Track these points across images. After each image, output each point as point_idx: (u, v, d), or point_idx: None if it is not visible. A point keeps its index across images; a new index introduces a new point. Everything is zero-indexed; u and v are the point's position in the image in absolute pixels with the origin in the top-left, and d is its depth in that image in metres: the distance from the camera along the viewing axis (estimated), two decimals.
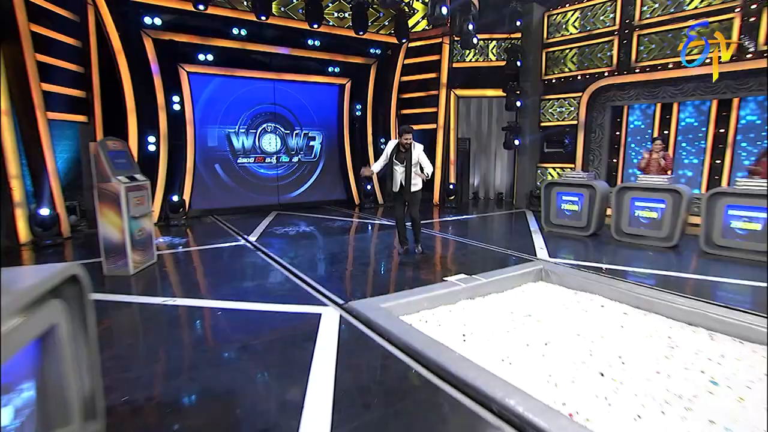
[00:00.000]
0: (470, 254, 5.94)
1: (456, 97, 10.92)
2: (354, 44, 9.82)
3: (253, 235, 7.01)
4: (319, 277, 4.79)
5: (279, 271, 5.08)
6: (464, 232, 7.44)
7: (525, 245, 6.30)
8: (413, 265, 5.38)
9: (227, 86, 9.25)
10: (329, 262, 5.60)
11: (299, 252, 6.06)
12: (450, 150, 11.02)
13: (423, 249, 5.81)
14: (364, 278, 4.97)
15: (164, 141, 8.09)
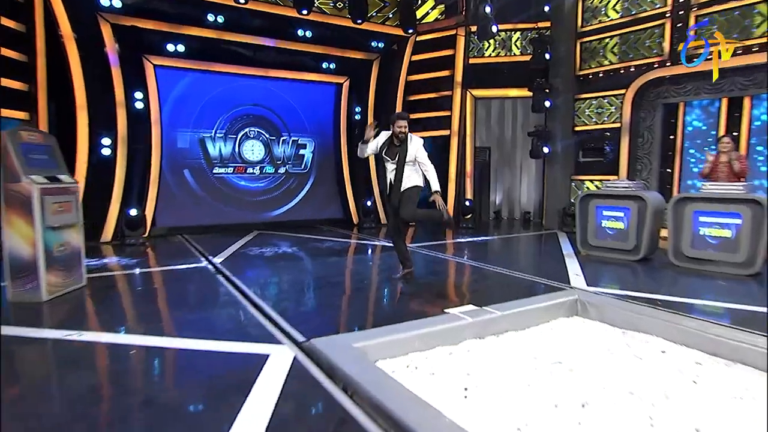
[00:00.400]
0: (485, 280, 5.28)
1: (473, 98, 10.40)
2: (353, 36, 9.45)
3: (220, 257, 6.48)
4: (284, 307, 4.18)
5: (235, 298, 4.45)
6: (481, 256, 6.86)
7: (556, 271, 5.63)
8: (409, 293, 4.74)
9: (202, 83, 8.92)
10: (304, 288, 4.99)
11: (269, 277, 5.49)
12: (466, 160, 10.42)
13: (407, 271, 5.15)
14: (341, 309, 4.35)
15: (123, 144, 7.69)
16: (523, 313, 3.99)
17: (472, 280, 5.34)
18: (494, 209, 11.39)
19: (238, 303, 4.30)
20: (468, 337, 3.66)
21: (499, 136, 11.20)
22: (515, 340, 3.69)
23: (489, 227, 10.17)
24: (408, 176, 4.87)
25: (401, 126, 4.80)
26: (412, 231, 9.63)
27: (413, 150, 4.82)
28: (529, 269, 5.74)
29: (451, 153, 10.28)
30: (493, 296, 4.47)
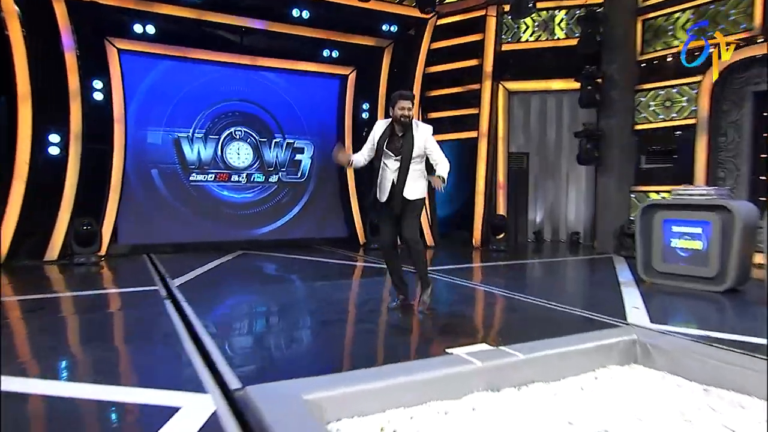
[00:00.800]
0: (511, 313, 4.68)
1: (506, 92, 9.79)
2: (359, 18, 9.04)
3: (181, 280, 5.99)
4: (233, 343, 3.69)
5: (174, 330, 3.89)
6: (511, 283, 6.25)
7: (607, 303, 4.97)
8: (406, 327, 4.15)
9: (178, 73, 8.65)
10: (270, 319, 4.46)
11: (232, 304, 4.94)
12: (498, 169, 9.77)
13: (430, 301, 4.47)
14: (307, 347, 3.75)
15: (76, 142, 7.37)
16: (556, 358, 3.26)
17: (494, 312, 4.63)
18: (534, 229, 10.60)
19: (176, 336, 3.72)
20: (476, 388, 2.97)
21: (539, 140, 10.50)
22: (543, 396, 2.97)
23: (527, 250, 9.41)
24: (414, 179, 4.32)
25: (404, 108, 4.25)
26: (430, 252, 9.00)
27: (421, 140, 4.28)
28: (571, 300, 5.03)
29: (479, 159, 9.64)
30: (518, 333, 3.85)
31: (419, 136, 4.30)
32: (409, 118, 4.28)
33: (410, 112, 4.29)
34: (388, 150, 4.31)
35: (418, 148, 4.28)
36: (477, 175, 9.67)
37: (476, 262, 8.23)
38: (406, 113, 4.26)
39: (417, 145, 4.27)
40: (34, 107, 6.89)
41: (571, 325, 4.06)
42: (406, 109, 4.26)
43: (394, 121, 4.33)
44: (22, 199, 6.86)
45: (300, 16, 8.58)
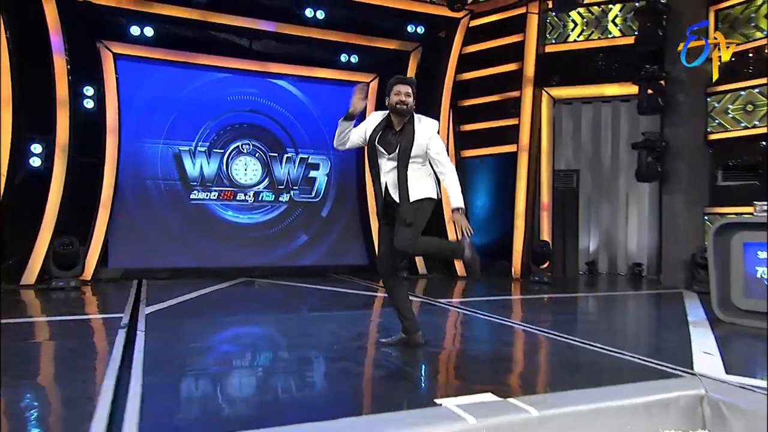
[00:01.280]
0: (541, 353, 4.02)
1: (551, 100, 9.10)
2: (380, 18, 8.71)
3: (156, 307, 5.55)
4: (172, 383, 3.10)
5: (102, 364, 3.36)
6: (550, 320, 5.47)
7: (670, 346, 4.22)
8: (397, 368, 3.50)
9: (180, 80, 8.46)
10: (237, 357, 3.86)
11: (196, 337, 4.39)
12: (541, 188, 9.03)
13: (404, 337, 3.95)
14: (257, 392, 3.12)
15: (62, 154, 7.17)
16: (588, 416, 2.53)
17: (516, 353, 3.89)
18: (587, 259, 9.68)
19: (97, 371, 3.22)
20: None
21: (593, 155, 9.69)
22: None
23: (576, 283, 8.53)
24: (415, 179, 3.71)
25: (400, 93, 3.68)
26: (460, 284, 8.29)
27: (423, 136, 3.70)
28: (621, 341, 4.26)
29: (519, 177, 8.91)
30: (543, 380, 3.20)
31: (422, 132, 3.71)
32: (407, 107, 3.68)
33: (409, 99, 3.70)
34: (381, 146, 3.71)
35: (418, 147, 3.67)
36: (516, 195, 8.92)
37: (511, 295, 7.49)
38: (404, 99, 3.67)
39: (418, 142, 3.67)
40: (15, 114, 6.75)
41: (616, 373, 3.32)
42: (403, 95, 3.68)
43: (391, 111, 3.75)
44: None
45: (314, 16, 8.27)
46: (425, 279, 8.88)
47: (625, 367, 3.46)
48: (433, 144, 3.74)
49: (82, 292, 6.76)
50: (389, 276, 3.91)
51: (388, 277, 3.91)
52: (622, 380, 2.98)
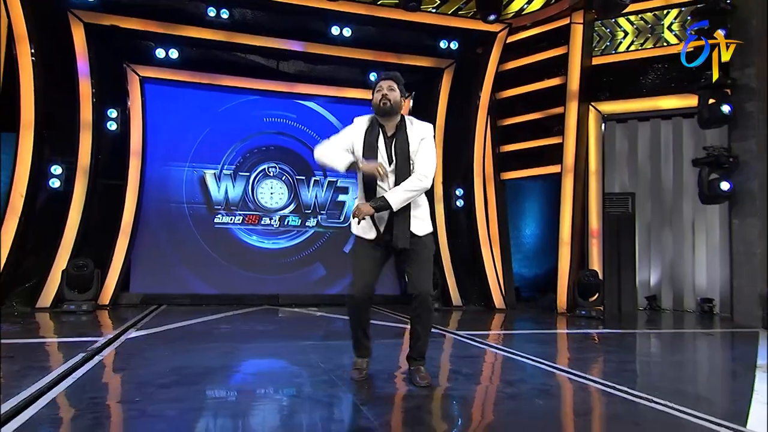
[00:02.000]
0: (566, 401, 3.21)
1: (599, 116, 8.25)
2: (411, 34, 8.23)
3: (143, 332, 5.18)
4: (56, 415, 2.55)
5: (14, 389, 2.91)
6: (580, 361, 4.65)
7: (723, 395, 3.38)
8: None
9: (206, 102, 8.28)
10: (193, 391, 3.27)
11: (160, 365, 3.90)
12: (590, 212, 8.11)
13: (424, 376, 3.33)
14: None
15: (83, 177, 7.06)
16: None
17: (526, 401, 3.10)
18: (647, 293, 8.57)
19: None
20: None
21: (652, 176, 8.67)
22: None
23: (631, 320, 7.45)
24: (417, 204, 3.28)
25: (382, 89, 3.24)
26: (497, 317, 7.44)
27: (416, 139, 3.24)
28: (662, 387, 3.32)
29: (564, 200, 8.03)
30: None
31: (415, 136, 3.23)
32: (390, 102, 3.20)
33: (394, 94, 3.22)
34: (368, 157, 3.17)
35: (413, 151, 3.21)
36: (561, 221, 8.04)
37: (562, 328, 6.58)
38: (386, 93, 3.20)
39: (413, 146, 3.21)
40: (37, 136, 6.70)
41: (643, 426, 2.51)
42: (385, 89, 3.22)
43: (376, 113, 3.29)
44: (14, 235, 6.58)
45: (341, 34, 7.91)
46: (460, 311, 8.10)
47: (660, 419, 2.65)
48: (423, 146, 3.22)
49: (93, 316, 6.51)
50: (363, 303, 3.28)
51: (362, 304, 3.27)
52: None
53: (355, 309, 3.28)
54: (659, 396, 3.05)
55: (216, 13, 7.43)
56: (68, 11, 6.98)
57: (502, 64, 8.61)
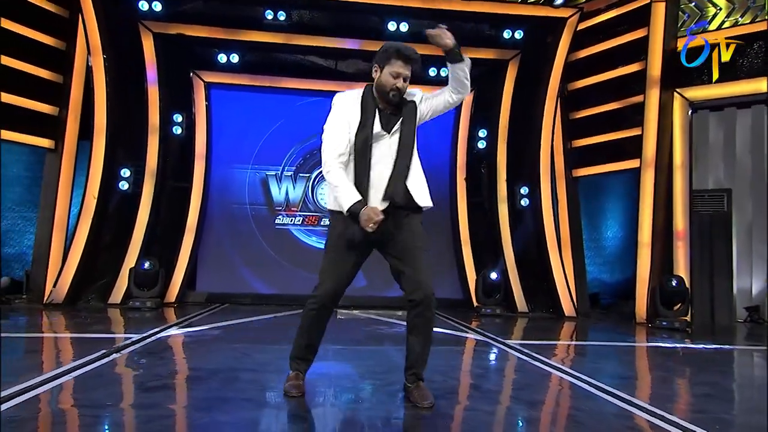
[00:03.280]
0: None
1: (686, 104, 7.40)
2: (471, 25, 7.92)
3: (185, 331, 5.30)
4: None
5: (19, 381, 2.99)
6: (629, 373, 4.13)
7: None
8: None
9: (268, 104, 8.44)
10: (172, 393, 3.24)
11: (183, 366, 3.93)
12: (675, 211, 7.28)
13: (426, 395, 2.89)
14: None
15: (151, 179, 7.42)
16: None
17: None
18: (746, 303, 7.55)
19: None
20: None
21: (753, 171, 7.64)
22: None
23: (726, 333, 6.60)
24: (417, 178, 2.92)
25: (399, 77, 2.88)
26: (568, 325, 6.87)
27: (413, 113, 2.94)
28: (712, 413, 2.81)
29: (644, 198, 7.29)
30: None
31: (410, 108, 2.95)
32: (399, 95, 2.88)
33: (406, 86, 2.90)
34: (384, 133, 2.86)
35: (419, 119, 2.99)
36: (640, 221, 7.31)
37: (642, 341, 5.92)
38: (401, 86, 2.86)
39: (419, 118, 2.98)
40: (108, 141, 7.13)
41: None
42: (401, 79, 2.87)
43: (379, 94, 2.92)
44: (88, 235, 7.04)
45: (397, 29, 7.73)
46: (526, 318, 7.60)
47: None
48: (427, 102, 3.04)
49: (156, 313, 6.75)
50: (326, 306, 2.91)
51: (325, 306, 2.91)
52: None
53: (314, 313, 2.88)
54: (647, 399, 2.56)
55: (273, 16, 7.53)
56: (139, 22, 7.37)
57: (574, 52, 8.03)
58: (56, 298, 6.89)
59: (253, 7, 7.58)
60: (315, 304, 2.85)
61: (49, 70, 7.22)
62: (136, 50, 7.45)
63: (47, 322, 5.90)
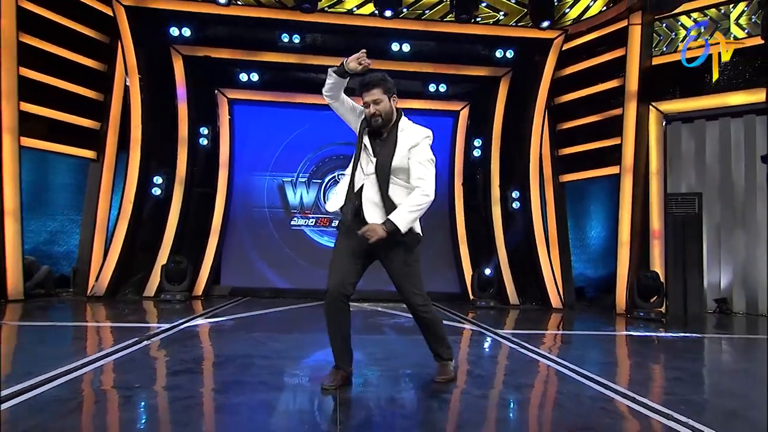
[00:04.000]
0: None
1: (660, 116, 7.37)
2: (468, 46, 7.91)
3: (210, 321, 5.32)
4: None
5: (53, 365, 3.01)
6: (608, 362, 4.13)
7: (739, 410, 2.68)
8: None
9: (285, 118, 8.48)
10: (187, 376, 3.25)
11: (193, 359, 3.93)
12: (651, 213, 7.26)
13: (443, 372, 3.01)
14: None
15: (180, 186, 7.49)
16: None
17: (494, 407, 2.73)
18: (715, 296, 7.49)
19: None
20: None
21: (721, 177, 7.58)
22: None
23: (695, 322, 6.53)
24: (402, 196, 2.74)
25: (369, 105, 2.79)
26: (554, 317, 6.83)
27: (405, 145, 2.74)
28: (674, 399, 2.79)
29: (623, 201, 7.26)
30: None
31: (404, 142, 2.75)
32: (381, 118, 2.76)
33: (380, 107, 2.76)
34: (366, 144, 2.80)
35: (399, 158, 2.72)
36: (620, 222, 7.27)
37: (620, 330, 5.85)
38: (372, 111, 2.75)
39: (399, 153, 2.72)
40: (143, 152, 7.21)
41: None
42: (371, 105, 2.76)
43: (368, 126, 2.85)
44: (125, 235, 7.10)
45: (400, 50, 7.76)
46: (517, 310, 7.56)
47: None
48: (416, 152, 2.74)
49: (184, 305, 6.76)
50: (337, 303, 2.73)
51: (335, 303, 2.73)
52: None
53: (329, 308, 2.75)
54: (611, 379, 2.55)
55: (289, 39, 7.58)
56: (170, 46, 7.45)
57: (561, 69, 8.01)
58: (98, 291, 6.97)
59: (271, 32, 7.62)
60: (326, 296, 2.78)
61: (91, 89, 7.31)
62: (168, 71, 7.53)
63: (90, 312, 5.97)
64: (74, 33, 7.03)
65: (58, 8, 6.80)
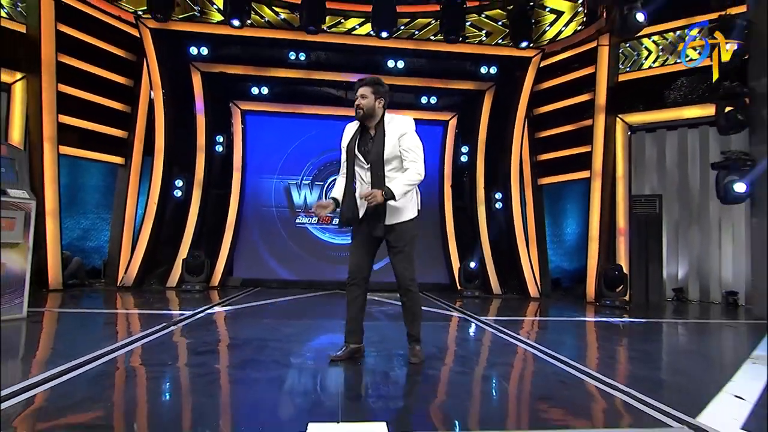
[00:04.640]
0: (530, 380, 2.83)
1: (626, 126, 7.55)
2: (456, 63, 8.07)
3: (227, 308, 5.48)
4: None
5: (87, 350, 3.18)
6: (562, 342, 4.30)
7: (690, 386, 2.87)
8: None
9: (291, 127, 8.63)
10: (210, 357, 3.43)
11: (214, 341, 4.09)
12: (617, 212, 7.42)
13: (416, 354, 3.13)
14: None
15: (198, 188, 7.66)
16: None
17: (478, 380, 2.92)
18: (674, 285, 7.71)
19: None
20: None
21: (680, 181, 7.79)
22: None
23: (655, 309, 6.74)
24: (397, 203, 2.93)
25: (357, 98, 2.93)
26: (532, 305, 7.02)
27: (394, 135, 2.89)
28: (630, 375, 3.00)
29: (592, 201, 7.46)
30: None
31: (392, 132, 2.89)
32: (363, 110, 2.91)
33: (364, 101, 2.90)
34: (359, 154, 2.94)
35: (391, 148, 2.88)
36: (590, 219, 7.47)
37: (589, 316, 6.02)
38: (358, 102, 2.91)
39: (389, 143, 2.88)
40: (166, 158, 7.37)
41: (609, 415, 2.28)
42: (358, 97, 2.92)
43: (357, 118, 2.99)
44: (150, 232, 7.27)
45: (395, 66, 7.94)
46: (499, 299, 7.75)
47: (616, 408, 2.39)
48: (405, 141, 2.90)
49: (202, 294, 6.91)
50: (357, 286, 3.03)
51: (356, 287, 3.03)
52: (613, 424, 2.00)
53: (349, 288, 3.05)
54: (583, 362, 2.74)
55: (296, 56, 7.76)
56: (190, 63, 7.60)
57: (539, 84, 8.18)
58: (126, 282, 7.14)
59: (280, 50, 7.80)
60: (348, 278, 3.05)
61: (120, 102, 7.46)
62: (188, 86, 7.69)
63: (120, 301, 6.14)
64: (105, 53, 7.20)
65: (91, 31, 6.98)
